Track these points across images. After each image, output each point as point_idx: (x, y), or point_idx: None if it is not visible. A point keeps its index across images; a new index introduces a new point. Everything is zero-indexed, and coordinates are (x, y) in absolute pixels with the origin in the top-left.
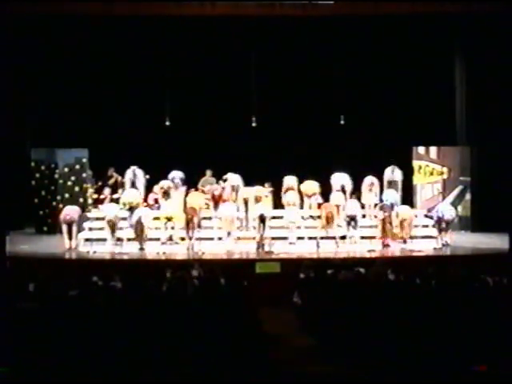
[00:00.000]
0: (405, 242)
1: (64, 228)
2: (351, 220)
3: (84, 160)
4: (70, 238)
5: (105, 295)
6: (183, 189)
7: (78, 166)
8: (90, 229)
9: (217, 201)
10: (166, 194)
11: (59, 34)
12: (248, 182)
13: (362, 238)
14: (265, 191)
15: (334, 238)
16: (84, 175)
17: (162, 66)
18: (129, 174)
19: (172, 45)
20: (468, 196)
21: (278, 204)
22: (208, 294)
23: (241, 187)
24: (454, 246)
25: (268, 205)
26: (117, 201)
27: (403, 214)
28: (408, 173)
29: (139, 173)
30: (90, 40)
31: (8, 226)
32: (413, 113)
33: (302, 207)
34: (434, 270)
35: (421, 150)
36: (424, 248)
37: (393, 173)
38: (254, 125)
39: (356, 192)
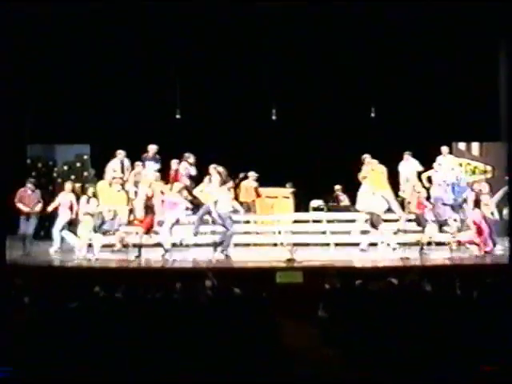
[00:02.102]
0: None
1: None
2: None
3: (85, 157)
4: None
5: (107, 308)
6: None
7: (78, 164)
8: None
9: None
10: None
11: (58, 23)
12: (267, 182)
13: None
14: (285, 192)
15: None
16: (85, 174)
17: (172, 54)
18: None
19: (182, 31)
20: None
21: (300, 206)
22: (222, 306)
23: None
24: (497, 254)
25: (288, 207)
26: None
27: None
28: None
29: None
30: (91, 26)
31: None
32: (453, 106)
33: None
34: (478, 281)
35: (461, 146)
36: (465, 255)
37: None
38: (273, 118)
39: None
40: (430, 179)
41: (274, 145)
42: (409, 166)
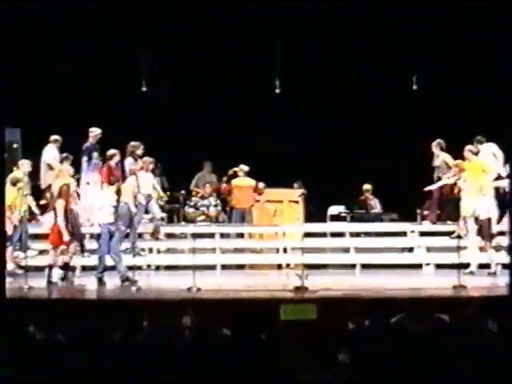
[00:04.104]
0: None
1: None
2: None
3: (15, 146)
4: None
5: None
6: None
7: (5, 155)
8: None
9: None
10: None
11: None
12: (268, 180)
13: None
14: (293, 194)
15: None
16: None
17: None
18: None
19: None
20: None
21: (314, 214)
22: (205, 353)
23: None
24: None
25: (296, 215)
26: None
27: None
28: None
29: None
30: None
31: None
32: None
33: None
34: None
35: None
36: None
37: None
38: (277, 91)
39: None
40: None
41: (276, 127)
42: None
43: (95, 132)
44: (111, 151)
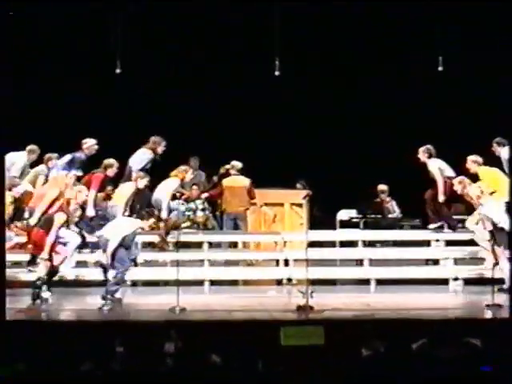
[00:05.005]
0: None
1: None
2: None
3: None
4: None
5: None
6: None
7: None
8: None
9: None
10: None
11: None
12: (265, 179)
13: None
14: (295, 196)
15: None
16: None
17: None
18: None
19: None
20: None
21: (320, 219)
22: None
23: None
24: None
25: (299, 221)
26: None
27: None
28: None
29: None
30: None
31: None
32: None
33: None
34: None
35: None
36: None
37: None
38: (277, 73)
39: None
40: None
41: (275, 116)
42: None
43: (89, 143)
44: (110, 160)
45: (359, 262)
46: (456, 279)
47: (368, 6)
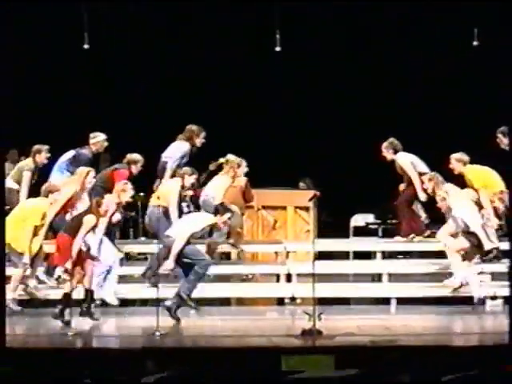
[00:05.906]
0: None
1: None
2: None
3: None
4: None
5: None
6: None
7: None
8: None
9: None
10: None
11: None
12: (264, 179)
13: None
14: (299, 198)
15: None
16: None
17: None
18: None
19: None
20: None
21: (330, 225)
22: None
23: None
24: None
25: (304, 227)
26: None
27: None
28: None
29: None
30: None
31: None
32: None
33: None
34: None
35: None
36: None
37: None
38: (277, 49)
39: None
40: None
41: (276, 103)
42: None
43: (98, 138)
44: (136, 156)
45: (377, 278)
46: (494, 298)
47: None
